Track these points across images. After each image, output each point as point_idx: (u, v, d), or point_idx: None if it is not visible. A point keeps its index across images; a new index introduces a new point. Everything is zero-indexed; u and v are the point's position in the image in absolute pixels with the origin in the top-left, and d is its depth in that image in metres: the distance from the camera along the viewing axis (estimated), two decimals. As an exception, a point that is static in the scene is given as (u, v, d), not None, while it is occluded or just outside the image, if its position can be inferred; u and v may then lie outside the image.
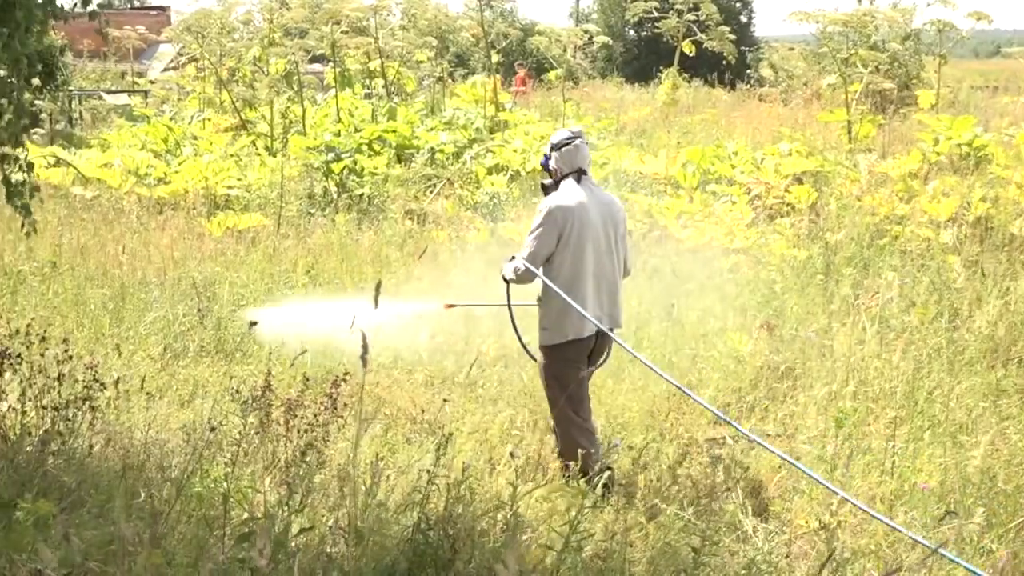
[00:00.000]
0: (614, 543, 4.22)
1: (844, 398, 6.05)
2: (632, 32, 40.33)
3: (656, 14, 14.25)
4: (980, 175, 11.00)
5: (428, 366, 6.76)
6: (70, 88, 18.95)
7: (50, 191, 11.02)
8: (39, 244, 8.65)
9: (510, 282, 5.28)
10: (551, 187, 5.30)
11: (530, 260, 5.12)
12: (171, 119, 16.77)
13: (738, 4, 41.63)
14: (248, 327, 6.70)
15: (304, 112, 15.46)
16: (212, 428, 4.52)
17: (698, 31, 13.86)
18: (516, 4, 60.83)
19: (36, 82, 4.91)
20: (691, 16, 13.66)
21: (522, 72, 23.10)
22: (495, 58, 17.21)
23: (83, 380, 4.80)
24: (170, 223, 10.28)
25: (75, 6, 4.76)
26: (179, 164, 12.83)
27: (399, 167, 12.89)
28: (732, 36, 14.22)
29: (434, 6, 17.99)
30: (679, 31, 13.71)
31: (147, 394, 5.61)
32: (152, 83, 21.91)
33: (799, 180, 11.29)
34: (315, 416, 4.74)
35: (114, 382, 5.07)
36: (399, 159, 13.49)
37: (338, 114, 15.66)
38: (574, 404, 5.17)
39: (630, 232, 6.35)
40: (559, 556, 3.88)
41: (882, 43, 17.29)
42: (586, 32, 16.98)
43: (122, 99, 20.09)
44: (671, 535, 4.59)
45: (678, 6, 13.83)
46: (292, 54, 15.74)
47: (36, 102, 13.61)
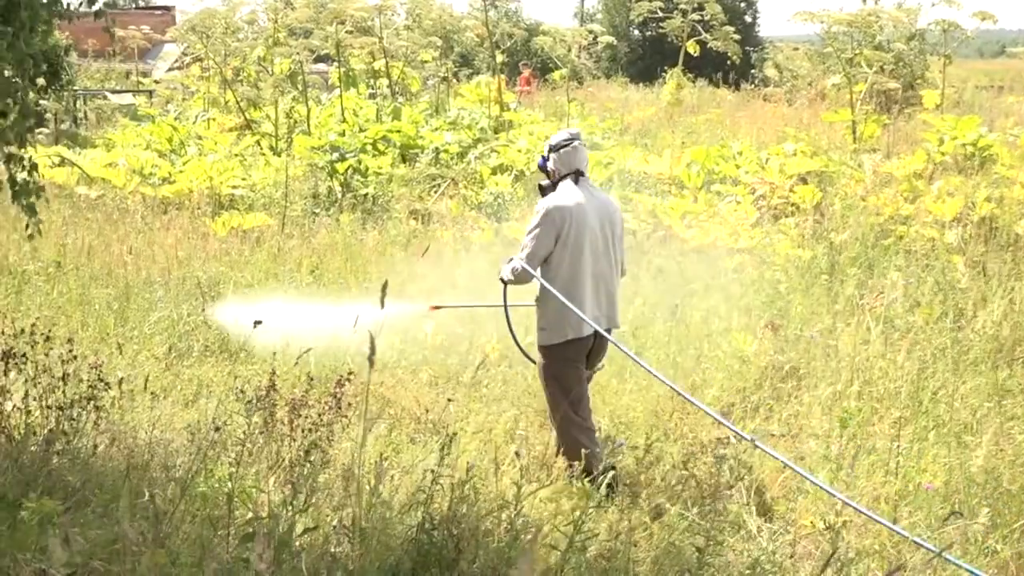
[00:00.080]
0: (618, 543, 4.22)
1: (848, 398, 6.04)
2: (636, 32, 40.33)
3: (660, 14, 14.21)
4: (985, 175, 10.98)
5: (432, 365, 6.76)
6: (75, 88, 18.98)
7: (55, 191, 11.06)
8: (44, 244, 8.66)
9: (508, 283, 5.28)
10: (548, 188, 5.30)
11: (528, 261, 5.12)
12: (176, 119, 16.79)
13: (742, 4, 41.64)
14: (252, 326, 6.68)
15: (308, 112, 15.46)
16: (216, 428, 4.52)
17: (702, 31, 13.82)
18: (520, 4, 61.03)
19: (41, 82, 4.91)
20: (695, 16, 13.62)
21: (526, 72, 23.13)
22: (499, 58, 17.20)
23: (88, 380, 4.81)
24: (174, 223, 10.29)
25: (80, 5, 4.76)
26: (183, 164, 12.85)
27: (403, 167, 12.89)
28: (736, 36, 14.17)
29: (439, 6, 18.00)
30: (683, 31, 13.68)
31: (151, 394, 5.61)
32: (157, 83, 21.92)
33: (804, 180, 11.28)
34: (319, 416, 4.73)
35: (118, 382, 5.09)
36: (403, 159, 13.49)
37: (343, 114, 15.66)
38: (573, 403, 5.17)
39: (632, 232, 6.34)
40: (563, 556, 3.88)
41: (887, 43, 17.23)
42: (590, 32, 16.96)
43: (127, 99, 20.16)
44: (675, 535, 4.59)
45: (682, 6, 13.79)
46: (296, 54, 15.75)
47: (41, 102, 13.69)
